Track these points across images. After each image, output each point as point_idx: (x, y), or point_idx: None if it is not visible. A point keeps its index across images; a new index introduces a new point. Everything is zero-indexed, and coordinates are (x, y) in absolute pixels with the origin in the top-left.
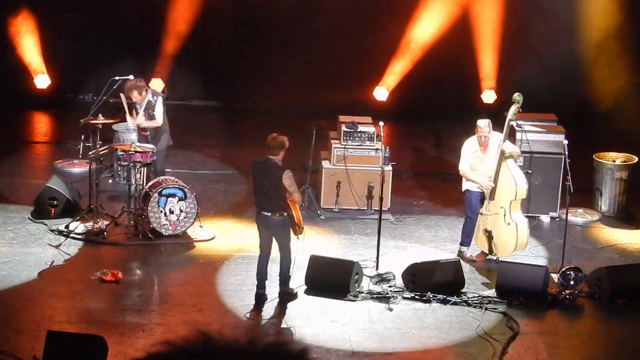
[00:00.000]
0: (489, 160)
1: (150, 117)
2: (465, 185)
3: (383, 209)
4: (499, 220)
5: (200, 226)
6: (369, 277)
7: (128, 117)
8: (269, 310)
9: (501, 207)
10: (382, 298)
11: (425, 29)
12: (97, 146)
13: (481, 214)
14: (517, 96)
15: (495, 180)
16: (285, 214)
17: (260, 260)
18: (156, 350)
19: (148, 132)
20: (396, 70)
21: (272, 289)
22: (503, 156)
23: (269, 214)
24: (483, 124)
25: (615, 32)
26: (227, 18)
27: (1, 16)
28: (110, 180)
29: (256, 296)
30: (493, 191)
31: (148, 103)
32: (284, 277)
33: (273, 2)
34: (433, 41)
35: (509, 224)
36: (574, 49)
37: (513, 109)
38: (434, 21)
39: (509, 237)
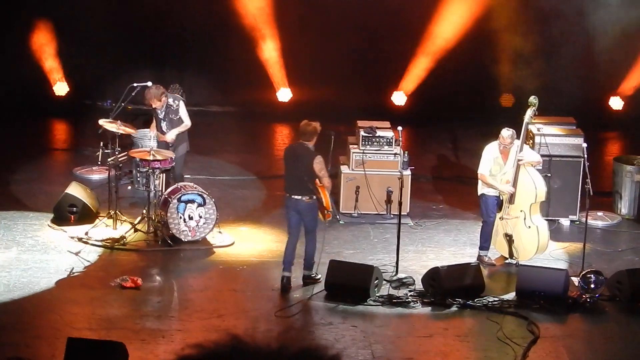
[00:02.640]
0: (508, 168)
1: (172, 121)
2: (482, 190)
3: (402, 213)
4: (519, 224)
5: (220, 232)
6: (389, 281)
7: (157, 133)
8: (294, 311)
9: (521, 211)
10: (402, 303)
11: (443, 32)
12: (116, 153)
13: (501, 218)
14: (532, 99)
15: (515, 184)
16: (314, 197)
17: (288, 243)
18: (187, 353)
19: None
20: (414, 75)
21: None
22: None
23: (299, 197)
24: (506, 134)
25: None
26: (244, 24)
27: (20, 24)
28: (129, 187)
29: (282, 278)
30: (513, 195)
31: (169, 108)
32: (309, 262)
33: (290, 9)
34: (451, 45)
35: (529, 227)
36: (592, 50)
37: (529, 112)
38: (452, 25)
39: (530, 240)
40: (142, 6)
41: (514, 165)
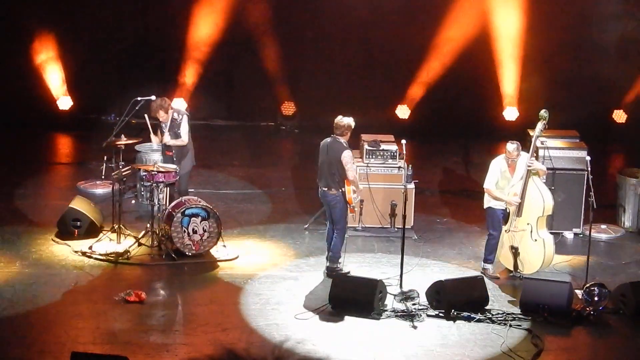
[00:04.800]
0: (515, 181)
1: (176, 135)
2: (488, 203)
3: (406, 227)
4: (525, 237)
5: (224, 246)
6: (393, 295)
7: (152, 136)
8: (294, 326)
9: (528, 224)
10: (406, 316)
11: (446, 46)
12: (120, 167)
13: (507, 231)
14: (543, 113)
15: (523, 197)
16: (341, 190)
17: (328, 231)
18: None
19: (174, 152)
20: (418, 88)
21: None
22: (530, 172)
23: (326, 188)
24: (512, 147)
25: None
26: (248, 39)
27: (24, 39)
28: (133, 201)
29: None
30: (520, 208)
31: (173, 121)
32: (334, 255)
33: (294, 24)
34: (454, 58)
35: (536, 240)
36: (595, 64)
37: (540, 126)
38: (456, 38)
39: (536, 253)
40: (146, 21)
41: (522, 178)
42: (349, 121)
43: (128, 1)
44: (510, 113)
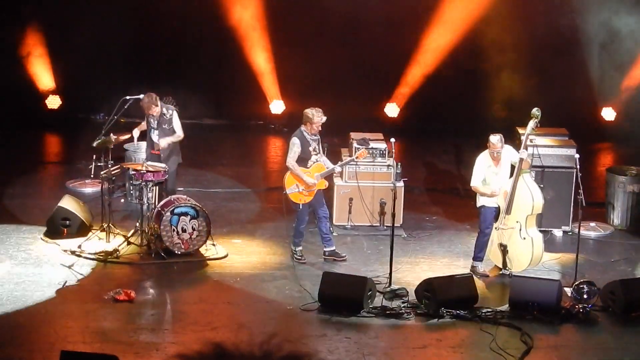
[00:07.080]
0: (503, 173)
1: (164, 131)
2: (481, 201)
3: (395, 225)
4: (514, 235)
5: (213, 244)
6: (382, 293)
7: (135, 130)
8: (283, 324)
9: (517, 222)
10: (396, 314)
11: (436, 44)
12: (109, 166)
13: (496, 228)
14: (535, 111)
15: (512, 195)
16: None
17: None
18: None
19: (161, 150)
20: (407, 87)
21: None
22: (520, 171)
23: None
24: (495, 139)
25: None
26: (237, 37)
27: (12, 37)
28: (122, 200)
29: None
30: (510, 205)
31: (162, 117)
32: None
33: (283, 21)
34: (444, 56)
35: (524, 238)
36: (584, 62)
37: (531, 124)
38: (445, 36)
39: (524, 251)
40: (135, 21)
41: (509, 169)
42: (306, 111)
43: (118, 0)
44: (500, 110)
